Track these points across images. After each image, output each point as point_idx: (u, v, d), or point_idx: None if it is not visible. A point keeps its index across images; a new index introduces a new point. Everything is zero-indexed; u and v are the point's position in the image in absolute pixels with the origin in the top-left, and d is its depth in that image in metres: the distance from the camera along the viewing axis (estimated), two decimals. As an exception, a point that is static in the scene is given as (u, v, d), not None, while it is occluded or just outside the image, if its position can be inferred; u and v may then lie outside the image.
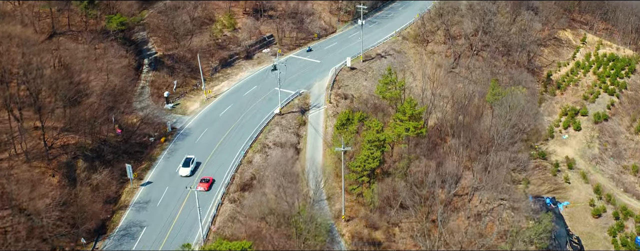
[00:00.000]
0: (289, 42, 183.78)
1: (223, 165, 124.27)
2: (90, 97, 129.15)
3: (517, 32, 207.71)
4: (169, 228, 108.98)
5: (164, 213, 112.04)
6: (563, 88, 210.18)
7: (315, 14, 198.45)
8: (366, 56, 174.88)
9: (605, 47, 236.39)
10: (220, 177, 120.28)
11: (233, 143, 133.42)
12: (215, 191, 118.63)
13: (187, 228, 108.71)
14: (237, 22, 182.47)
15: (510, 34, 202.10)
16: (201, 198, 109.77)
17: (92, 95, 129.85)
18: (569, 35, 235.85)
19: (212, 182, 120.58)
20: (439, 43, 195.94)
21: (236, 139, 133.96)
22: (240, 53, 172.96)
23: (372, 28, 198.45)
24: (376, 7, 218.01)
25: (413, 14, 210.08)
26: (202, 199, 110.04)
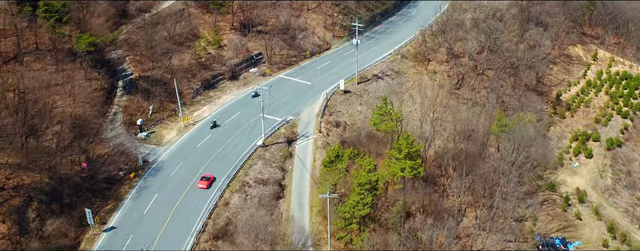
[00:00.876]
0: (279, 60, 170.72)
1: (196, 208, 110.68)
2: (54, 126, 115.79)
3: (525, 50, 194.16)
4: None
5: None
6: (573, 110, 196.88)
7: (309, 29, 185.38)
8: (361, 77, 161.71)
9: (618, 64, 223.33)
10: (191, 223, 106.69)
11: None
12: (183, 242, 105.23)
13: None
14: (222, 39, 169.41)
15: (517, 51, 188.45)
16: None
17: (55, 124, 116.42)
18: (579, 51, 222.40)
19: (213, 180, 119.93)
20: (441, 62, 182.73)
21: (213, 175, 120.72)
22: (225, 73, 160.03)
23: (370, 45, 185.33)
24: (375, 21, 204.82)
25: (414, 28, 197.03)
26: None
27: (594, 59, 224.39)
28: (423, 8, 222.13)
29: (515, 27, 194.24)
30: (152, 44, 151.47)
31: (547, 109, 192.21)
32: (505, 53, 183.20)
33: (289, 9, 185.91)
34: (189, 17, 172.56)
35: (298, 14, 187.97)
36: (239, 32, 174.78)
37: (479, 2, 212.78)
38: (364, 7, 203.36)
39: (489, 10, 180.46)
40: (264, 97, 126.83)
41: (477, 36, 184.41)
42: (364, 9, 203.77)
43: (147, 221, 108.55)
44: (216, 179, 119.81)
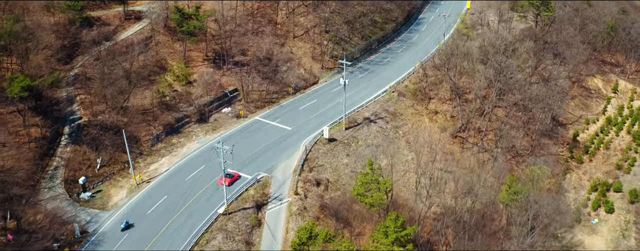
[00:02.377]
0: (258, 97, 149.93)
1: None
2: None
3: (538, 83, 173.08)
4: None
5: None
6: (592, 153, 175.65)
7: (294, 59, 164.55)
8: (350, 122, 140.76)
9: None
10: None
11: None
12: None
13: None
14: (193, 72, 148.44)
15: (530, 86, 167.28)
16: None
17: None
18: (598, 83, 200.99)
19: (238, 178, 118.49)
20: (443, 100, 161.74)
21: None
22: (192, 115, 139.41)
23: (363, 79, 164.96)
24: (370, 50, 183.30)
25: (414, 57, 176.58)
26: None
27: (615, 91, 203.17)
28: (426, 32, 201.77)
29: (529, 61, 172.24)
30: (108, 81, 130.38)
31: (563, 152, 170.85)
32: (517, 88, 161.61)
33: (272, 37, 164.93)
34: (156, 46, 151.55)
35: (282, 42, 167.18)
36: (212, 64, 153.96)
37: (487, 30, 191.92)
38: (358, 33, 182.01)
39: (499, 44, 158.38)
40: (225, 155, 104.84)
41: (485, 71, 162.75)
42: (358, 35, 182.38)
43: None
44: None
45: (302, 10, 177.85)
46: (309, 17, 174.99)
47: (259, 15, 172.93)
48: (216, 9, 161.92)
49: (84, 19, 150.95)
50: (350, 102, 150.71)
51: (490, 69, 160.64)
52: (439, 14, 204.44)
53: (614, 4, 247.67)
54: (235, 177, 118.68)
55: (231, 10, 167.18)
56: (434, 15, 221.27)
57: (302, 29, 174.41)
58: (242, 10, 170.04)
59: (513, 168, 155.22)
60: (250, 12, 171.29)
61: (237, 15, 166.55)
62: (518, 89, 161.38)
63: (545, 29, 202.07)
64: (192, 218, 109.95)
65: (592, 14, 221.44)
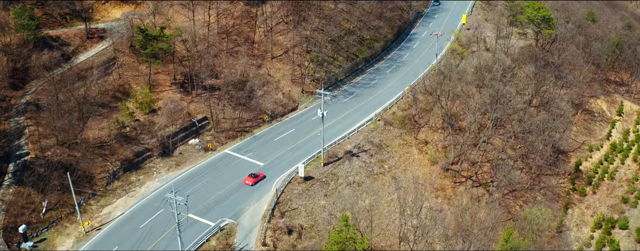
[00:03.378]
0: (230, 126, 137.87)
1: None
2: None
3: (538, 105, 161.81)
4: None
5: None
6: (595, 184, 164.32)
7: (271, 83, 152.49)
8: (330, 156, 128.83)
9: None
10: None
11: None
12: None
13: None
14: (157, 99, 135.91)
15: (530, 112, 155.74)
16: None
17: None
18: (602, 105, 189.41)
19: (262, 178, 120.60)
20: (435, 128, 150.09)
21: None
22: (154, 148, 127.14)
23: (346, 104, 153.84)
24: (356, 70, 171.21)
25: (404, 79, 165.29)
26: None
27: (619, 113, 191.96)
28: (418, 50, 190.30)
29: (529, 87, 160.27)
30: (60, 111, 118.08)
31: (564, 184, 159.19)
32: (516, 118, 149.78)
33: (248, 57, 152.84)
34: (119, 69, 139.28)
35: (259, 63, 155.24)
36: (181, 89, 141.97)
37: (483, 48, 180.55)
38: (344, 52, 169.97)
39: (496, 69, 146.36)
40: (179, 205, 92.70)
41: (481, 97, 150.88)
42: (344, 54, 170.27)
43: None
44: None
45: (281, 28, 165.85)
46: (289, 36, 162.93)
47: (235, 33, 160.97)
48: (186, 27, 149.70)
49: (40, 39, 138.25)
50: (331, 132, 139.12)
51: (486, 95, 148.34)
52: (432, 32, 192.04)
53: (619, 19, 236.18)
54: (260, 177, 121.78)
55: (203, 28, 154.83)
56: (426, 31, 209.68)
57: (282, 48, 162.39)
58: (216, 27, 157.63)
59: (510, 205, 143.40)
60: (224, 29, 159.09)
61: (209, 34, 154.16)
62: (517, 118, 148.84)
63: (547, 48, 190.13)
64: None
65: (596, 30, 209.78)
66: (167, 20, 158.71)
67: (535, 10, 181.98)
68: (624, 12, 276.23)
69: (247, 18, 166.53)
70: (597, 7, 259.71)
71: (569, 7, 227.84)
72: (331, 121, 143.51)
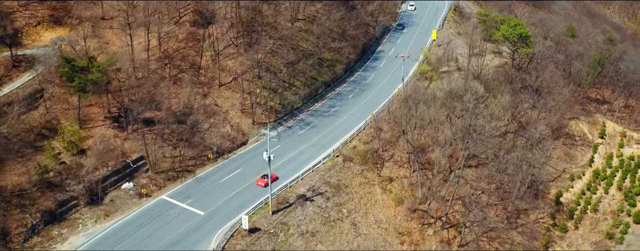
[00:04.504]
0: (169, 167, 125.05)
1: None
2: None
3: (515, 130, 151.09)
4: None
5: None
6: (578, 218, 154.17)
7: (219, 114, 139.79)
8: (280, 202, 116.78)
9: (631, 142, 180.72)
10: None
11: None
12: None
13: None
14: (88, 137, 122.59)
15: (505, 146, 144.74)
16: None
17: None
18: (583, 127, 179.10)
19: (276, 179, 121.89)
20: (400, 163, 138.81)
21: None
22: (81, 196, 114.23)
23: (302, 137, 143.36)
24: (316, 95, 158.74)
25: (368, 104, 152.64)
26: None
27: (602, 136, 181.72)
28: (384, 70, 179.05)
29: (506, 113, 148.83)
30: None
31: (544, 219, 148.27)
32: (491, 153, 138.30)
33: (193, 86, 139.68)
34: (48, 102, 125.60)
35: (206, 91, 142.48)
36: (115, 124, 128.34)
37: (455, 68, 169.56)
38: (302, 76, 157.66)
39: (468, 99, 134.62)
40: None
41: (451, 126, 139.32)
42: (302, 78, 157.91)
43: None
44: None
45: (231, 51, 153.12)
46: (240, 60, 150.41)
47: (179, 58, 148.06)
48: (124, 52, 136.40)
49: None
50: (282, 173, 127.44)
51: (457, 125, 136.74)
52: (397, 53, 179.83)
53: (599, 32, 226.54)
54: (273, 178, 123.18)
55: (143, 53, 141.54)
56: (394, 48, 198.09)
57: (231, 74, 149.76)
58: (157, 52, 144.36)
59: (485, 249, 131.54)
60: (167, 54, 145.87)
61: (150, 60, 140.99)
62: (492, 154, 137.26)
63: (524, 68, 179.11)
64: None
65: (577, 47, 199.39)
66: (105, 44, 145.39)
67: (511, 27, 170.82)
68: (604, 25, 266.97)
69: (193, 40, 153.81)
70: (576, 19, 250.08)
71: (547, 21, 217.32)
72: (283, 158, 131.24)
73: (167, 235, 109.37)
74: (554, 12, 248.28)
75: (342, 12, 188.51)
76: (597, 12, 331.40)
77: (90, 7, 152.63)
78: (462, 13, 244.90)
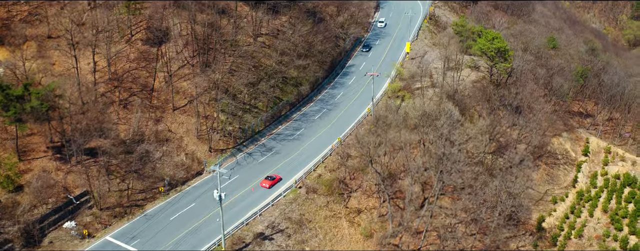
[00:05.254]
0: (116, 202, 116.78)
1: None
2: None
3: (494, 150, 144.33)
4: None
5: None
6: (562, 245, 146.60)
7: (172, 140, 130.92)
8: (235, 243, 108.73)
9: (616, 159, 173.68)
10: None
11: None
12: None
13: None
14: (27, 170, 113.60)
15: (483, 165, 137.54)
16: None
17: None
18: (566, 144, 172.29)
19: (278, 180, 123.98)
20: (370, 192, 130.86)
21: None
22: (16, 239, 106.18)
23: (263, 166, 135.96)
24: (279, 117, 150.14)
25: (335, 126, 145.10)
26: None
27: (586, 153, 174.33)
28: (354, 87, 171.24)
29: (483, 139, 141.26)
30: None
31: (525, 247, 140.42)
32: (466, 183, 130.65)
33: (145, 110, 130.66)
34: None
35: (159, 116, 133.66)
36: (58, 155, 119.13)
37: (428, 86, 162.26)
38: (264, 96, 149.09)
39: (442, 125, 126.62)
40: None
41: (424, 152, 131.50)
42: (264, 98, 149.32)
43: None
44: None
45: (186, 71, 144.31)
46: (196, 81, 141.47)
47: (130, 79, 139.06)
48: (69, 74, 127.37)
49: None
50: (239, 207, 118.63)
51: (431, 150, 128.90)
52: (366, 72, 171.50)
53: (581, 41, 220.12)
54: (276, 179, 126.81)
55: (89, 74, 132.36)
56: (365, 62, 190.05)
57: (186, 97, 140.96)
58: (107, 73, 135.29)
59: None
60: (117, 76, 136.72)
61: (98, 82, 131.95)
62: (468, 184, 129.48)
63: (502, 83, 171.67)
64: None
65: (559, 60, 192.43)
66: (50, 65, 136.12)
67: (488, 41, 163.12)
68: (585, 35, 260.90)
69: (146, 60, 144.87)
70: (556, 29, 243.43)
71: (526, 32, 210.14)
72: (241, 190, 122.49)
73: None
74: (534, 21, 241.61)
75: (309, 26, 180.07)
76: (577, 18, 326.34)
77: (36, 25, 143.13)
78: (437, 22, 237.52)
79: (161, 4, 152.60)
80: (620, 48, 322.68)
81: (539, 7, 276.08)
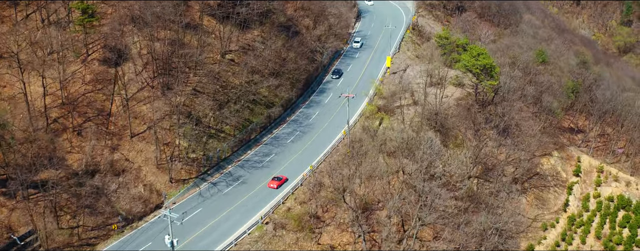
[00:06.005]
0: (65, 240, 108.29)
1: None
2: None
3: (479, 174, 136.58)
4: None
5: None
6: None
7: (130, 171, 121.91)
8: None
9: (609, 178, 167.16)
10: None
11: None
12: None
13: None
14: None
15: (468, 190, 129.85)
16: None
17: None
18: (556, 164, 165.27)
19: (285, 181, 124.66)
20: (344, 226, 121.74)
21: None
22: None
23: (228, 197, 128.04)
24: (249, 141, 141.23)
25: (308, 151, 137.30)
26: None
27: (577, 173, 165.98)
28: (330, 106, 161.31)
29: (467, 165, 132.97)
30: None
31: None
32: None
33: (101, 137, 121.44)
34: None
35: (115, 143, 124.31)
36: (3, 189, 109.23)
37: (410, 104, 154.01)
38: (233, 118, 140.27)
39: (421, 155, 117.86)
40: None
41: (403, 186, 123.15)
42: (233, 120, 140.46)
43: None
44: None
45: (146, 94, 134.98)
46: (157, 104, 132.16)
47: (85, 103, 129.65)
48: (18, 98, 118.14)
49: None
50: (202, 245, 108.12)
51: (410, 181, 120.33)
52: (340, 94, 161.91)
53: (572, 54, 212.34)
54: (283, 180, 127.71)
55: (38, 99, 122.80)
56: (344, 77, 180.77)
57: (145, 122, 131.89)
58: (60, 97, 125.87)
59: None
60: (71, 99, 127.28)
61: (50, 106, 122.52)
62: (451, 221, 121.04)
63: (488, 102, 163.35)
64: None
65: (549, 76, 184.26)
66: (1, 88, 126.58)
67: (473, 57, 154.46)
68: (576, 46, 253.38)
69: (103, 82, 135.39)
70: (545, 40, 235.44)
71: (514, 46, 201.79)
72: (202, 227, 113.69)
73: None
74: (521, 32, 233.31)
75: (283, 40, 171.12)
76: (566, 26, 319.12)
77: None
78: (421, 32, 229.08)
79: (120, 20, 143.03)
80: (610, 56, 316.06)
81: (527, 15, 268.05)
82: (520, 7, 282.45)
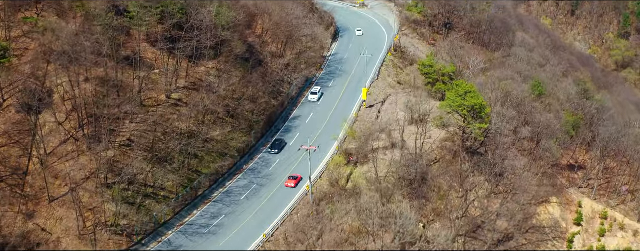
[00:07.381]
0: None
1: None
2: None
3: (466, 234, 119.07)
4: None
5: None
6: None
7: (46, 244, 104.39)
8: None
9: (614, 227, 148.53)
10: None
11: None
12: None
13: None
14: None
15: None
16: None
17: None
18: (555, 212, 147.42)
19: (300, 180, 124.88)
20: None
21: None
22: None
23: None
24: (195, 198, 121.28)
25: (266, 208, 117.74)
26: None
27: (578, 223, 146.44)
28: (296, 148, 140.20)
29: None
30: None
31: None
32: None
33: (14, 202, 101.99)
34: None
35: (31, 209, 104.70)
36: None
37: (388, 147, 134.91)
38: (176, 171, 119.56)
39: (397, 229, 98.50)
40: None
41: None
42: (176, 175, 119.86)
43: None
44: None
45: (70, 148, 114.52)
46: (82, 161, 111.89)
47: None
48: None
49: None
50: None
51: None
52: (301, 146, 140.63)
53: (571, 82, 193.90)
54: (298, 179, 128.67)
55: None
56: (313, 112, 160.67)
57: (68, 182, 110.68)
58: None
59: None
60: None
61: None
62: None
63: (477, 147, 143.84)
64: None
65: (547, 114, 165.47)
66: None
67: (459, 96, 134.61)
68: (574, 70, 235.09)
69: (20, 134, 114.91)
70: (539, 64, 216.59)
71: (505, 78, 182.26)
72: None
73: None
74: (514, 56, 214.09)
75: (243, 72, 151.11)
76: (561, 42, 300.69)
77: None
78: (404, 54, 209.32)
79: (44, 58, 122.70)
80: (610, 74, 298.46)
81: (520, 33, 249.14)
82: (512, 23, 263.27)
